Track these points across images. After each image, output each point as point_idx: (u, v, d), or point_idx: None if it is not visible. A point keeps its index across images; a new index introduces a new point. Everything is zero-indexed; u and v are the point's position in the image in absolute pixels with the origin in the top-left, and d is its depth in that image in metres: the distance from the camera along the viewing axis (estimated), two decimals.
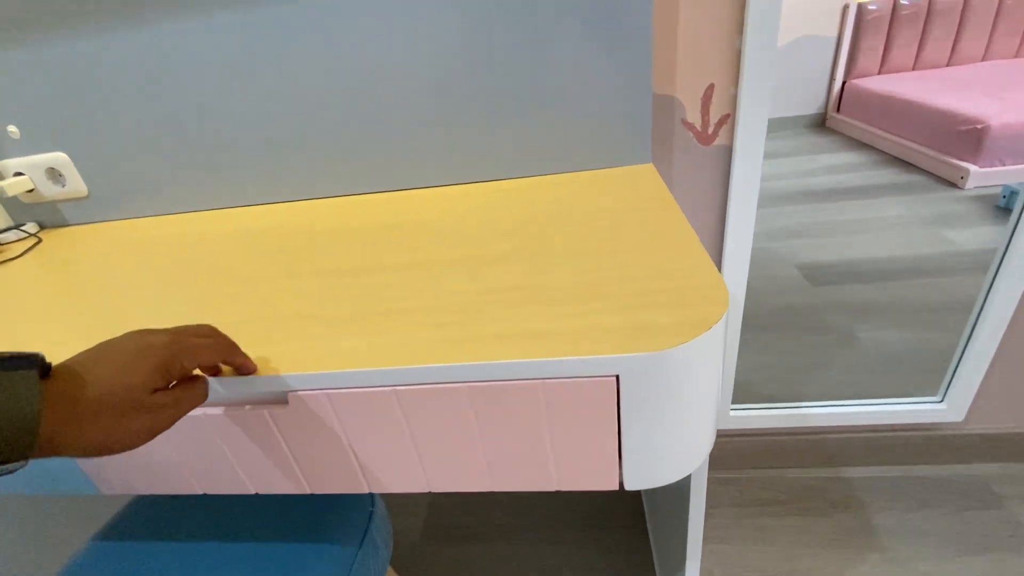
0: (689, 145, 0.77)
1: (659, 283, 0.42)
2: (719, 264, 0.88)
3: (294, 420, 0.42)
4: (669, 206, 0.58)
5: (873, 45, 3.02)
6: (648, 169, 0.72)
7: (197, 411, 0.43)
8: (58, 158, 0.84)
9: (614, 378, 0.36)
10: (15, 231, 0.87)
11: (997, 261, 0.92)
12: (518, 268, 0.49)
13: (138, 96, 0.77)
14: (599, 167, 0.75)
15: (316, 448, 0.44)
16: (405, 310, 0.45)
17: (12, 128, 0.82)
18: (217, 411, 0.43)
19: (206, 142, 0.80)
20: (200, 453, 0.46)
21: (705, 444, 0.43)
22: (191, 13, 0.69)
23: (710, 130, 0.75)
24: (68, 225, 0.91)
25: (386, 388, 0.39)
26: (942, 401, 1.07)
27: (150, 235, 0.79)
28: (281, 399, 0.41)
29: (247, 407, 0.42)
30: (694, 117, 0.75)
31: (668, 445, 0.40)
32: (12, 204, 0.91)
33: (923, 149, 2.51)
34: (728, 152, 0.77)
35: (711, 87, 0.72)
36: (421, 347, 0.39)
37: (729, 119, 0.74)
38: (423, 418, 0.40)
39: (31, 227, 0.90)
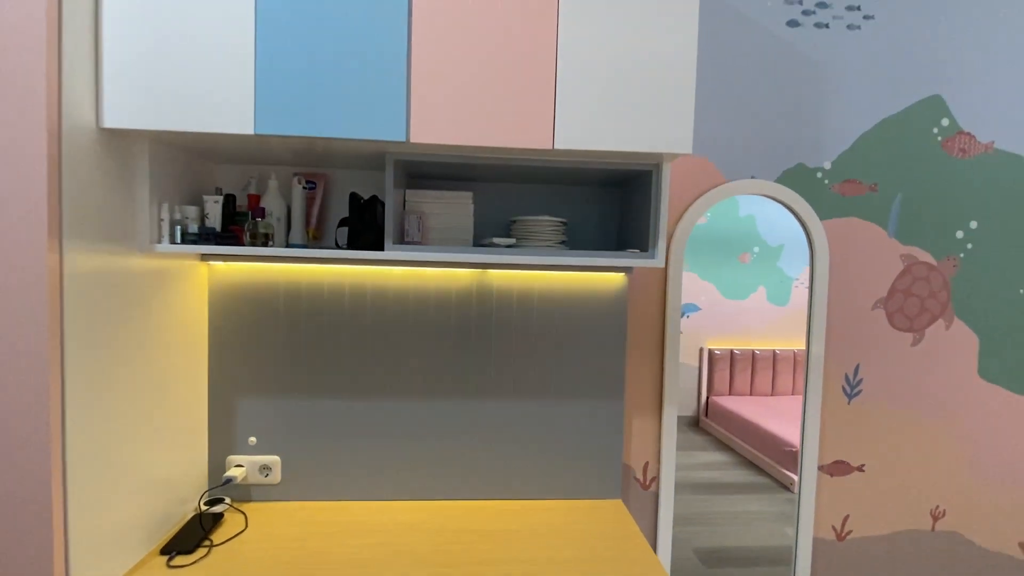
0: (637, 489, 1.48)
1: None
2: None
3: None
4: (643, 545, 1.24)
5: (722, 375, 4.38)
6: (619, 504, 1.41)
7: None
8: (273, 459, 1.37)
9: None
10: (222, 504, 1.32)
11: None
12: (596, 570, 1.10)
13: (342, 432, 1.37)
14: (593, 498, 1.42)
15: None
16: None
17: (252, 439, 1.37)
18: None
19: (371, 459, 1.38)
20: None
21: None
22: (392, 400, 1.37)
23: (647, 483, 1.48)
24: (251, 501, 1.37)
25: None
26: None
27: (335, 519, 1.29)
28: None
29: None
30: (639, 476, 1.48)
31: None
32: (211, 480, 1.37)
33: (764, 458, 3.54)
34: (656, 496, 1.48)
35: (647, 463, 1.48)
36: None
37: (655, 480, 1.48)
38: None
39: (225, 505, 1.34)
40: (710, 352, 4.46)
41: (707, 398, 4.49)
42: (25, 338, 0.84)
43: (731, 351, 4.46)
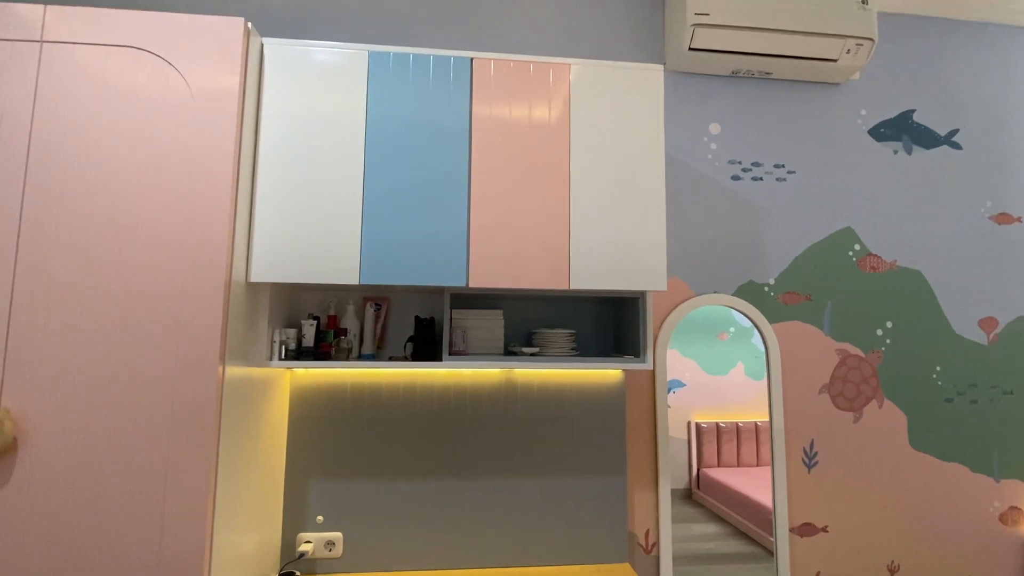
0: (641, 554, 1.76)
1: None
2: None
3: None
4: None
5: (710, 448, 4.64)
6: (627, 567, 1.67)
7: None
8: (336, 535, 1.62)
9: None
10: None
11: None
12: None
13: (393, 509, 1.65)
14: (605, 563, 1.69)
15: None
16: None
17: (320, 518, 1.63)
18: None
19: (417, 533, 1.65)
20: None
21: None
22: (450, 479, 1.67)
23: (648, 548, 1.76)
24: (315, 573, 1.61)
25: None
26: None
27: None
28: None
29: None
30: (642, 542, 1.76)
31: None
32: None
33: (754, 527, 3.74)
34: (657, 559, 1.75)
35: (648, 530, 1.76)
36: None
37: (656, 545, 1.76)
38: None
39: None
40: (697, 425, 4.76)
41: (698, 470, 4.72)
42: (202, 424, 1.16)
43: (717, 424, 4.76)
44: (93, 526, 1.13)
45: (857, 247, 1.97)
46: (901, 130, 2.04)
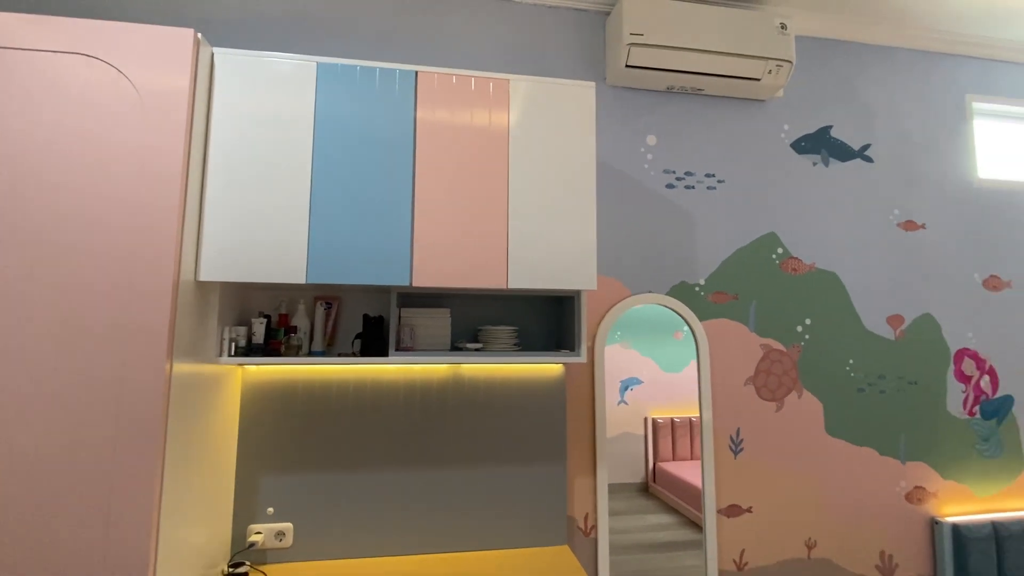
0: (580, 536, 1.87)
1: None
2: None
3: None
4: None
5: (665, 442, 4.84)
6: (566, 549, 1.79)
7: None
8: (286, 526, 1.68)
9: None
10: (243, 567, 1.60)
11: None
12: None
13: (343, 500, 1.71)
14: (545, 545, 1.80)
15: None
16: None
17: (270, 509, 1.68)
18: None
19: (367, 522, 1.72)
20: None
21: None
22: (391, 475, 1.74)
23: (587, 531, 1.88)
24: (266, 563, 1.66)
25: None
26: None
27: (339, 574, 1.60)
28: None
29: None
30: (581, 525, 1.88)
31: None
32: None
33: (700, 515, 3.93)
34: (595, 542, 1.88)
35: (587, 515, 1.88)
36: None
37: (595, 528, 1.88)
38: None
39: (246, 567, 1.63)
40: (654, 421, 4.94)
41: (654, 464, 4.91)
42: (148, 419, 1.21)
43: (672, 419, 4.96)
44: (38, 522, 1.16)
45: (780, 250, 2.14)
46: (820, 144, 2.24)
